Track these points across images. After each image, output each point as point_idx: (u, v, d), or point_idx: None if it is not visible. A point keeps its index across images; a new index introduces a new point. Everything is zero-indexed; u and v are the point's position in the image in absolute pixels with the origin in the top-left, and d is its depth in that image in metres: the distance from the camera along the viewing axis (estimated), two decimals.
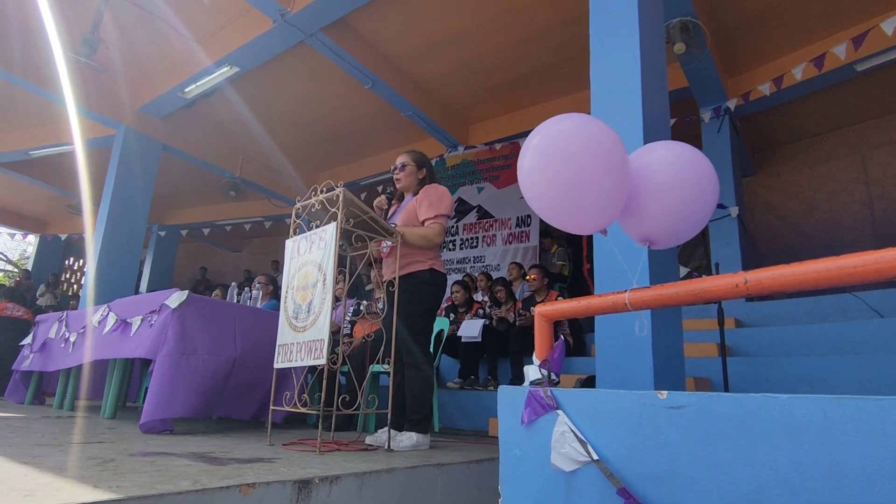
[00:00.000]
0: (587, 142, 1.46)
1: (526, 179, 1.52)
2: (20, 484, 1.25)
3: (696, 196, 1.54)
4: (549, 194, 1.50)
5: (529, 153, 1.49)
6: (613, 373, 2.44)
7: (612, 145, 1.48)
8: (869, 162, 6.63)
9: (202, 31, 5.63)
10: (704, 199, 1.56)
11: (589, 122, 1.52)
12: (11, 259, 18.45)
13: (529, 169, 1.50)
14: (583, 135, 1.47)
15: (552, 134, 1.49)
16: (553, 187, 1.48)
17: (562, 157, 1.45)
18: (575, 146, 1.45)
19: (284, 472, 1.59)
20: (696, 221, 1.58)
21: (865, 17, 4.87)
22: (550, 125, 1.50)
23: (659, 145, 1.68)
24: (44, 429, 2.56)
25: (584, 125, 1.50)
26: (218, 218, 10.61)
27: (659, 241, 1.62)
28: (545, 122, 1.52)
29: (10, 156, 8.10)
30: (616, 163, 1.47)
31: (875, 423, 0.83)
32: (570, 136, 1.47)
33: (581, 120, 1.52)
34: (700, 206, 1.56)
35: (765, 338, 4.32)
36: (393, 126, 7.25)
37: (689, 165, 1.56)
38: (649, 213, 1.56)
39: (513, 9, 5.15)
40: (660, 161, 1.59)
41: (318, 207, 2.49)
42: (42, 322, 4.58)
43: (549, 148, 1.47)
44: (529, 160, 1.49)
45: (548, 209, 1.54)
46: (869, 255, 0.96)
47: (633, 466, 1.10)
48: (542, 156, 1.47)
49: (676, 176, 1.54)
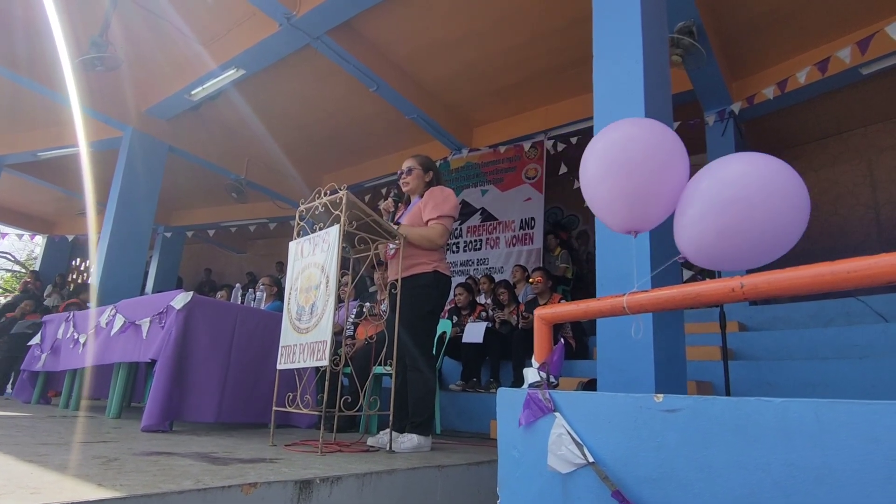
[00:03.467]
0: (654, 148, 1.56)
1: (590, 181, 1.65)
2: (26, 482, 1.27)
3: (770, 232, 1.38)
4: (612, 194, 1.61)
5: (593, 157, 1.63)
6: (615, 376, 2.44)
7: (679, 152, 1.57)
8: (875, 165, 6.60)
9: (208, 33, 5.67)
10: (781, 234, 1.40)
11: (655, 126, 1.63)
12: (19, 259, 18.61)
13: (594, 172, 1.63)
14: (651, 143, 1.58)
15: (619, 139, 1.61)
16: (618, 192, 1.59)
17: (629, 165, 1.56)
18: (643, 154, 1.56)
19: (286, 473, 1.60)
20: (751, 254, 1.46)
21: (870, 21, 4.86)
22: (613, 130, 1.63)
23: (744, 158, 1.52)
24: (49, 428, 2.59)
25: (660, 129, 1.61)
26: (223, 219, 10.66)
27: (696, 259, 1.57)
28: (606, 128, 1.65)
29: (19, 157, 8.18)
30: (678, 172, 1.56)
31: (866, 428, 0.84)
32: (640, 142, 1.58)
33: (647, 125, 1.64)
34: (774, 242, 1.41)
35: (768, 341, 4.31)
36: (397, 129, 7.28)
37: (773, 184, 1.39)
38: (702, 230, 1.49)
39: (517, 12, 5.16)
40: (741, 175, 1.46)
41: (322, 210, 2.51)
42: (49, 322, 4.62)
43: (616, 151, 1.59)
44: (594, 163, 1.63)
45: (610, 213, 1.67)
46: (862, 260, 0.97)
47: (630, 468, 1.11)
48: (608, 161, 1.60)
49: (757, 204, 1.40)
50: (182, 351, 2.86)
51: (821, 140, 7.01)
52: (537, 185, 7.02)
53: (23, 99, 6.83)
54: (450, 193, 2.78)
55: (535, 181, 7.06)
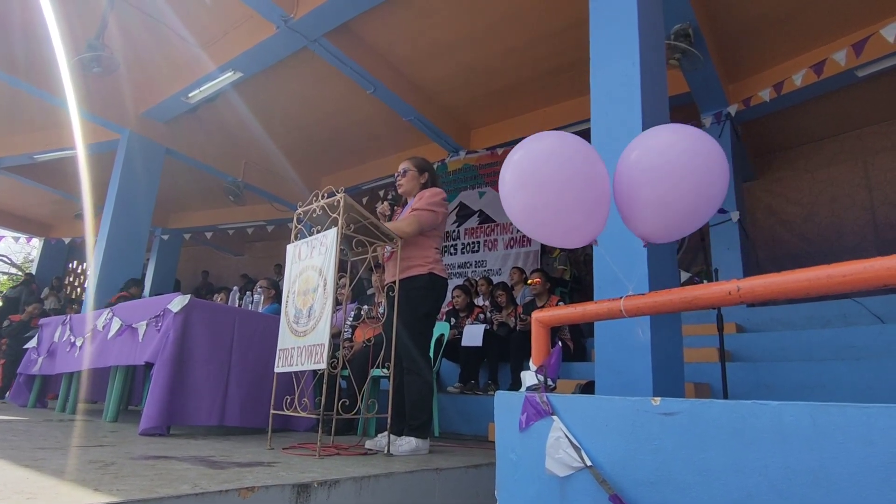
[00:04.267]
0: (561, 166, 1.47)
1: (507, 200, 1.55)
2: (22, 487, 1.27)
3: (690, 186, 1.44)
4: (531, 215, 1.54)
5: (510, 173, 1.51)
6: (613, 378, 2.45)
7: (589, 167, 1.48)
8: (870, 167, 6.62)
9: (206, 36, 5.67)
10: (703, 188, 1.44)
11: (563, 143, 1.51)
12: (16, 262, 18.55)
13: (511, 189, 1.53)
14: (556, 158, 1.48)
15: (528, 156, 1.50)
16: (533, 209, 1.51)
17: (538, 182, 1.47)
18: (550, 170, 1.47)
19: (284, 476, 1.60)
20: (697, 210, 1.47)
21: (865, 23, 4.88)
22: (527, 145, 1.51)
23: (648, 134, 1.58)
24: (46, 432, 2.58)
25: (558, 146, 1.50)
26: (221, 222, 10.65)
27: (654, 237, 1.57)
28: (523, 143, 1.53)
29: (16, 160, 8.17)
30: (594, 183, 1.48)
31: (862, 430, 0.84)
32: (545, 161, 1.48)
33: (554, 141, 1.51)
34: (697, 196, 1.46)
35: (765, 343, 4.32)
36: (395, 130, 7.28)
37: (683, 152, 1.45)
38: (641, 210, 1.52)
39: (514, 14, 5.17)
40: (651, 151, 1.51)
41: (319, 212, 2.50)
42: (46, 325, 4.61)
43: (526, 171, 1.49)
44: (510, 180, 1.51)
45: (531, 229, 1.58)
46: (858, 263, 0.98)
47: (627, 472, 1.11)
48: (521, 178, 1.50)
49: (667, 165, 1.45)
50: (180, 354, 2.85)
51: (817, 142, 7.03)
52: None
53: (20, 101, 6.82)
54: (438, 191, 2.78)
55: None
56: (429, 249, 2.72)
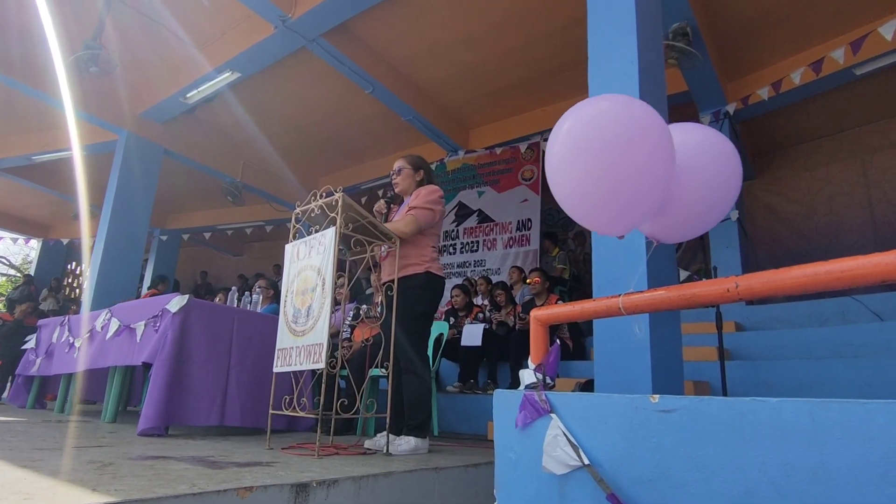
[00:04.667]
0: (627, 127, 1.25)
1: (555, 171, 1.34)
2: (20, 487, 1.26)
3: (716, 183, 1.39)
4: (580, 188, 1.32)
5: (559, 141, 1.31)
6: (612, 376, 2.45)
7: (659, 131, 1.27)
8: (869, 165, 6.63)
9: (204, 36, 5.67)
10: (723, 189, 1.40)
11: (630, 104, 1.32)
12: (14, 263, 18.53)
13: (559, 158, 1.32)
14: (625, 116, 1.26)
15: (587, 116, 1.29)
16: (585, 181, 1.29)
17: (596, 146, 1.25)
18: (612, 132, 1.25)
19: (282, 476, 1.60)
20: (712, 210, 1.43)
21: (863, 21, 4.88)
22: (584, 107, 1.32)
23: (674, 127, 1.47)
24: (44, 433, 2.58)
25: (624, 107, 1.30)
26: (219, 222, 10.64)
27: (665, 238, 1.53)
28: (576, 106, 1.33)
29: (13, 161, 8.15)
30: (662, 154, 1.27)
31: (861, 426, 0.84)
32: (608, 120, 1.26)
33: (621, 102, 1.32)
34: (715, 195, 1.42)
35: (764, 341, 4.32)
36: (394, 130, 7.28)
37: (709, 148, 1.40)
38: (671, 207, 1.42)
39: (512, 14, 5.17)
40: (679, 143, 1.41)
41: (318, 212, 2.50)
42: (44, 326, 4.60)
43: (582, 135, 1.27)
44: (559, 148, 1.32)
45: (575, 205, 1.37)
46: (856, 259, 0.97)
47: (626, 469, 1.11)
48: (573, 144, 1.28)
49: (697, 160, 1.38)
50: (179, 354, 2.85)
51: (815, 140, 7.04)
52: (534, 187, 7.03)
53: (17, 102, 6.81)
54: (435, 189, 2.77)
55: (531, 182, 7.07)
56: (425, 248, 2.71)
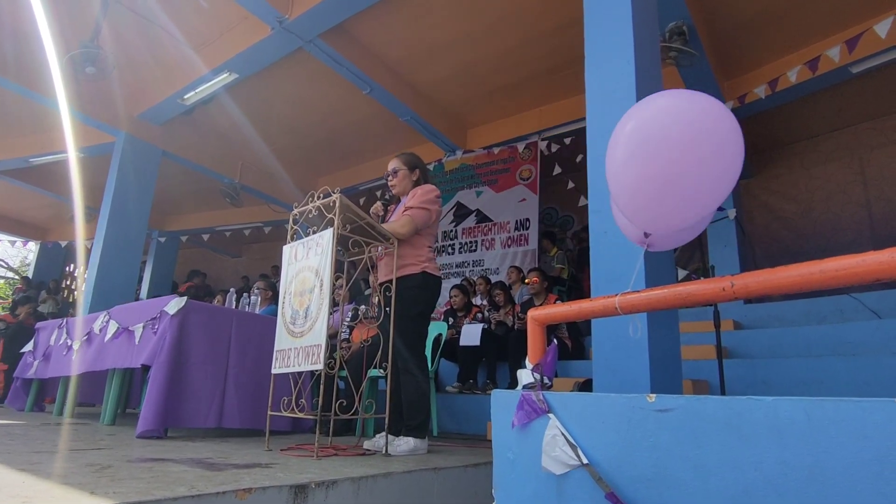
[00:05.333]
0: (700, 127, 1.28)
1: (617, 174, 1.35)
2: (18, 490, 1.26)
3: None
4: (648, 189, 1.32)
5: (623, 142, 1.32)
6: (610, 376, 2.45)
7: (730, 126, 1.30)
8: (866, 163, 6.64)
9: (201, 38, 5.66)
10: None
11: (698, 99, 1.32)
12: (13, 266, 18.50)
13: (623, 160, 1.32)
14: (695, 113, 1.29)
15: (651, 114, 1.28)
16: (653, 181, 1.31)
17: (667, 146, 1.27)
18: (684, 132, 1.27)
19: (281, 477, 1.60)
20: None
21: (859, 19, 4.89)
22: (647, 105, 1.31)
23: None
24: (43, 436, 2.58)
25: (685, 105, 1.32)
26: (218, 224, 10.63)
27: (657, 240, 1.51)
28: (637, 105, 1.34)
29: (11, 163, 8.14)
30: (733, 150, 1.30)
31: (856, 425, 0.84)
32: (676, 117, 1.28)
33: (687, 97, 1.33)
34: None
35: (763, 340, 4.33)
36: (391, 131, 7.28)
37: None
38: None
39: (510, 14, 5.18)
40: None
41: (315, 213, 2.50)
42: (43, 329, 4.60)
43: (650, 135, 1.28)
44: (623, 150, 1.32)
45: (638, 207, 1.39)
46: (851, 258, 0.98)
47: (624, 469, 1.12)
48: (640, 144, 1.29)
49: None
50: (177, 356, 2.84)
51: (812, 138, 7.05)
52: (532, 186, 7.03)
53: (14, 105, 6.80)
54: (431, 188, 2.77)
55: (529, 182, 7.08)
56: (422, 248, 2.71)
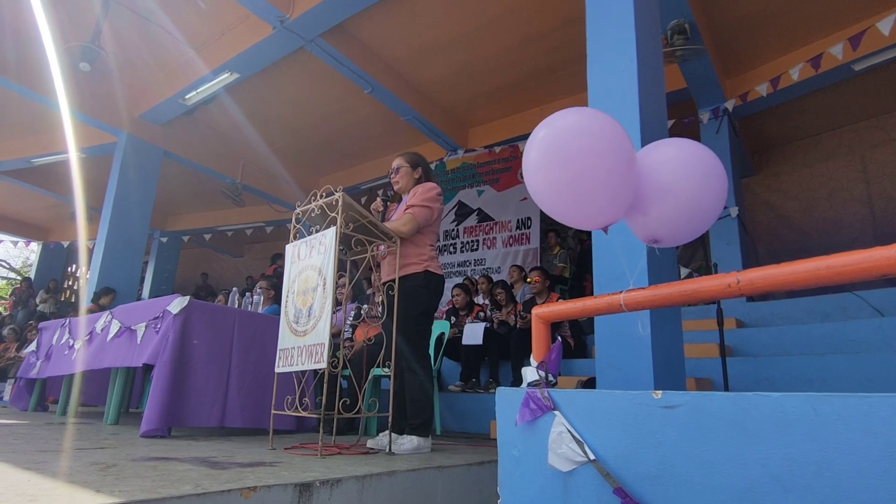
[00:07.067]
0: (592, 140, 1.45)
1: (531, 174, 1.52)
2: (23, 489, 1.26)
3: (703, 194, 1.54)
4: (554, 190, 1.51)
5: (535, 147, 1.49)
6: (613, 374, 2.45)
7: (619, 142, 1.47)
8: (868, 161, 6.63)
9: (202, 38, 5.66)
10: (712, 198, 1.55)
11: (595, 118, 1.50)
12: (14, 267, 18.53)
13: (535, 164, 1.50)
14: (588, 131, 1.47)
15: (557, 130, 1.48)
16: (557, 184, 1.48)
17: (566, 155, 1.44)
18: (580, 144, 1.45)
19: (286, 476, 1.60)
20: (703, 220, 1.58)
21: (861, 17, 4.89)
22: (556, 120, 1.50)
23: (668, 142, 1.67)
24: (47, 435, 2.58)
25: (590, 120, 1.49)
26: (219, 223, 10.65)
27: (665, 240, 1.61)
28: (551, 117, 1.51)
29: (13, 164, 8.16)
30: (622, 161, 1.46)
31: (863, 421, 0.84)
32: (575, 133, 1.46)
33: (587, 115, 1.51)
34: (707, 205, 1.56)
35: (766, 338, 4.32)
36: (392, 130, 7.28)
37: (698, 164, 1.56)
38: (656, 211, 1.56)
39: (511, 12, 5.17)
40: (667, 159, 1.59)
41: (318, 212, 2.50)
42: (45, 329, 4.60)
43: (553, 145, 1.47)
44: (535, 154, 1.49)
45: (552, 205, 1.56)
46: (857, 254, 0.98)
47: (629, 466, 1.11)
48: (546, 152, 1.48)
49: (684, 174, 1.54)
50: (180, 356, 2.85)
51: (814, 136, 7.04)
52: None
53: (16, 105, 6.81)
54: (433, 187, 2.77)
55: None
56: (424, 247, 2.71)
